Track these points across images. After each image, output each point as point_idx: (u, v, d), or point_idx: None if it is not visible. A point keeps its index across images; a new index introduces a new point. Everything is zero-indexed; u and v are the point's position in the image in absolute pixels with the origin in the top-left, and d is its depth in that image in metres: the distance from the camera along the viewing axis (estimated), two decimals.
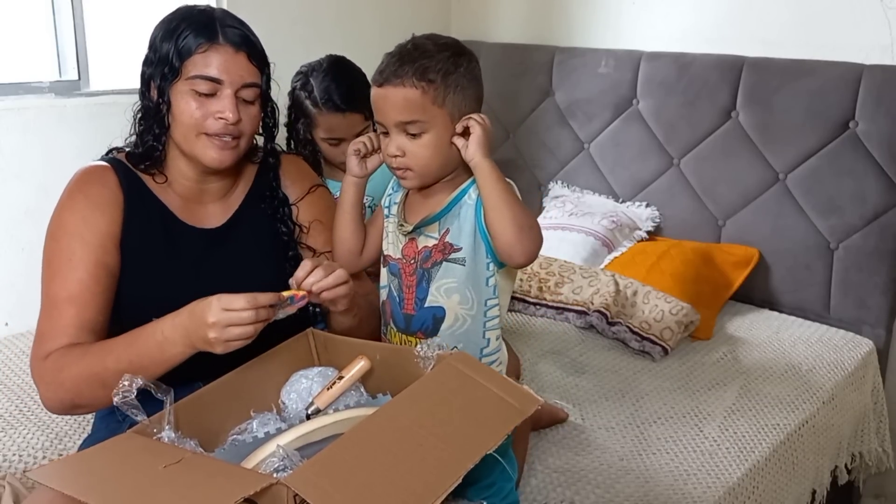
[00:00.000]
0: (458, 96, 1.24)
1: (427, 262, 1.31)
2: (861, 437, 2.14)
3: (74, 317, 1.27)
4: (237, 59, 1.29)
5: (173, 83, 1.29)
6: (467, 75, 1.26)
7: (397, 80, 1.23)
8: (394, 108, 1.24)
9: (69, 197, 1.34)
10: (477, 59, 1.30)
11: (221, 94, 1.28)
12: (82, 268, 1.29)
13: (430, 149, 1.25)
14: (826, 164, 2.26)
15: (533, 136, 2.84)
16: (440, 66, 1.23)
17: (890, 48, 2.19)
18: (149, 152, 1.35)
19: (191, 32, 1.28)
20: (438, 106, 1.23)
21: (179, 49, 1.27)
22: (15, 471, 1.54)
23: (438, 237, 1.30)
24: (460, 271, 1.29)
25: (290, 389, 1.22)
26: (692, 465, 1.62)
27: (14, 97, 2.11)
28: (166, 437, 1.06)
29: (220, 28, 1.29)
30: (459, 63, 1.25)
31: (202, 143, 1.30)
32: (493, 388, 1.06)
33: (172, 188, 1.38)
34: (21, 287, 2.14)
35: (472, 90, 1.27)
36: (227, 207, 1.43)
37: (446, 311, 1.31)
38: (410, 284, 1.33)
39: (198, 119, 1.28)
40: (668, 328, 2.08)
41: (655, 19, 2.61)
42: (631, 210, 2.61)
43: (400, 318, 1.35)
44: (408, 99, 1.23)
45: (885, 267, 2.21)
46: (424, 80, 1.22)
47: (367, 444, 0.94)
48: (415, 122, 1.24)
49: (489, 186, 1.23)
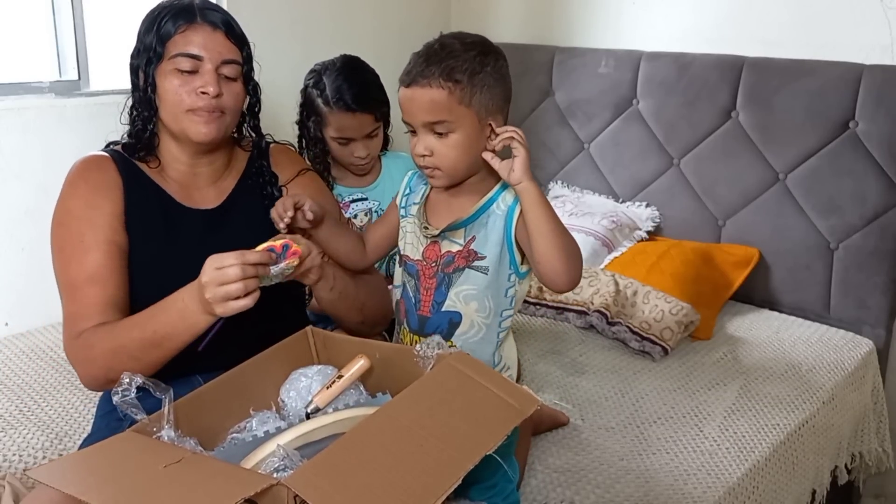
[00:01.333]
0: (485, 95, 1.24)
1: (449, 267, 1.31)
2: (861, 437, 2.14)
3: (98, 295, 1.31)
4: (215, 37, 1.34)
5: (158, 66, 1.34)
6: (494, 74, 1.26)
7: (424, 80, 1.23)
8: (420, 109, 1.24)
9: (71, 185, 1.39)
10: (504, 56, 1.29)
11: (203, 70, 1.33)
12: (95, 248, 1.33)
13: (457, 148, 1.25)
14: (826, 164, 2.25)
15: (533, 136, 2.84)
16: (466, 65, 1.23)
17: (890, 48, 2.19)
18: (140, 136, 1.39)
19: (170, 17, 1.34)
20: (465, 106, 1.23)
21: (161, 34, 1.33)
22: (15, 471, 1.54)
23: (464, 244, 1.30)
24: (482, 279, 1.29)
25: (290, 388, 1.22)
26: (692, 465, 1.62)
27: (14, 97, 2.11)
28: (166, 435, 1.06)
29: (199, 10, 1.35)
30: (486, 62, 1.25)
31: (188, 120, 1.35)
32: (493, 389, 1.06)
33: (167, 173, 1.43)
34: (21, 287, 2.14)
35: (500, 89, 1.27)
36: (220, 191, 1.47)
37: (463, 317, 1.31)
38: (429, 287, 1.33)
39: (182, 96, 1.33)
40: (668, 328, 2.08)
41: (655, 19, 2.61)
42: (631, 210, 2.61)
43: (414, 320, 1.35)
44: (434, 100, 1.23)
45: (885, 267, 2.21)
46: (451, 81, 1.22)
47: (367, 445, 0.94)
48: (442, 122, 1.24)
49: (536, 213, 1.21)
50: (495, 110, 1.26)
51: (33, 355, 2.01)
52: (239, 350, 1.23)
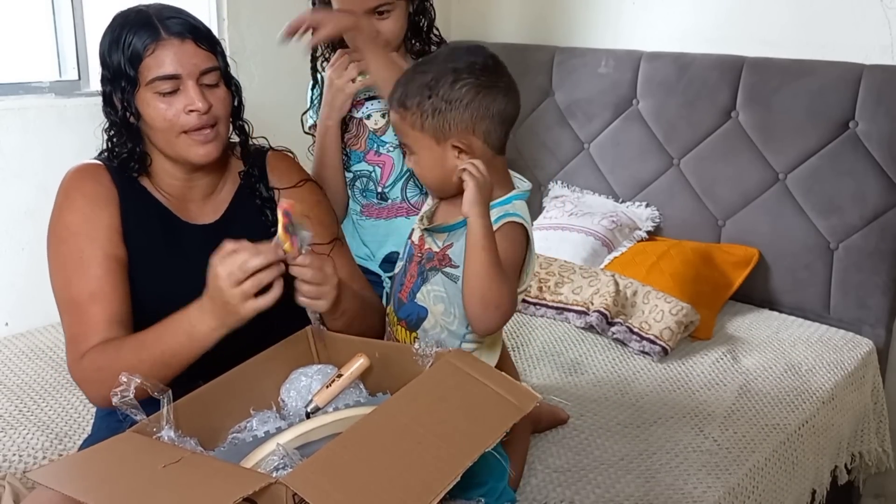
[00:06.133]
0: (437, 120, 1.24)
1: (428, 263, 1.32)
2: (861, 437, 2.14)
3: (101, 312, 1.27)
4: (186, 48, 1.27)
5: (135, 93, 1.27)
6: (459, 97, 1.23)
7: (392, 102, 1.29)
8: (394, 127, 1.34)
9: (66, 197, 1.34)
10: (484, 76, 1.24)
11: (184, 87, 1.27)
12: (96, 264, 1.29)
13: (420, 167, 1.30)
14: (826, 164, 2.26)
15: (533, 136, 2.84)
16: (423, 90, 1.24)
17: (890, 48, 2.19)
18: (129, 159, 1.34)
19: (133, 37, 1.26)
20: (418, 130, 1.26)
21: (129, 58, 1.26)
22: (15, 471, 1.54)
23: (441, 247, 1.31)
24: (451, 286, 1.30)
25: (290, 387, 1.22)
26: (692, 465, 1.62)
27: (14, 97, 2.12)
28: (166, 436, 1.06)
29: (160, 23, 1.27)
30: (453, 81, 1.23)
31: (184, 143, 1.30)
32: (492, 386, 1.06)
33: (161, 186, 1.38)
34: (21, 287, 2.14)
35: (460, 112, 1.23)
36: (217, 204, 1.43)
37: (429, 314, 1.33)
38: (413, 274, 1.35)
39: (171, 119, 1.27)
40: (668, 328, 2.08)
41: (655, 19, 2.61)
42: (631, 210, 2.61)
43: (396, 300, 1.39)
44: (394, 122, 1.31)
45: (885, 267, 2.21)
46: (402, 107, 1.27)
47: (365, 443, 0.94)
48: (405, 143, 1.30)
49: (470, 250, 1.19)
50: (460, 132, 1.24)
51: (33, 355, 2.01)
52: (239, 352, 1.22)
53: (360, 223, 1.75)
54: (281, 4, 2.52)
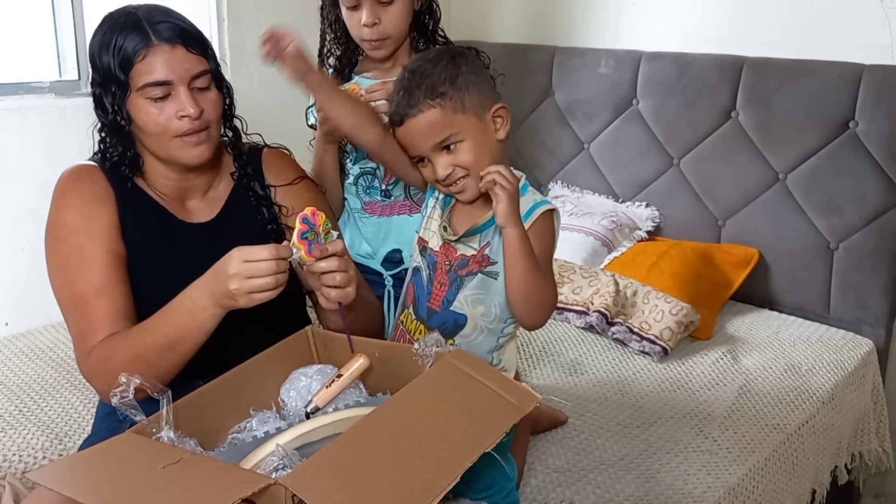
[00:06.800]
0: (473, 94, 1.27)
1: (462, 270, 1.33)
2: (861, 437, 2.14)
3: (107, 307, 1.28)
4: (176, 54, 1.26)
5: (126, 98, 1.27)
6: (473, 71, 1.29)
7: (413, 110, 1.27)
8: (423, 136, 1.28)
9: (62, 197, 1.34)
10: (473, 51, 1.34)
11: (175, 92, 1.27)
12: (98, 260, 1.29)
13: (473, 152, 1.28)
14: (826, 164, 2.25)
15: (533, 136, 2.84)
16: (443, 75, 1.26)
17: (890, 48, 2.19)
18: (122, 162, 1.34)
19: (124, 41, 1.25)
20: (461, 113, 1.26)
21: (120, 62, 1.25)
22: (15, 471, 1.54)
23: (478, 248, 1.32)
24: (492, 284, 1.31)
25: (290, 387, 1.22)
26: (692, 465, 1.62)
27: (14, 97, 2.12)
28: (165, 436, 1.06)
29: (150, 28, 1.26)
30: (458, 64, 1.28)
31: (177, 146, 1.30)
32: (492, 386, 1.06)
33: (156, 186, 1.39)
34: (21, 287, 2.14)
35: (483, 82, 1.30)
36: (213, 202, 1.43)
37: (468, 319, 1.33)
38: (443, 283, 1.34)
39: (163, 124, 1.27)
40: (668, 328, 2.08)
41: (655, 19, 2.61)
42: (631, 210, 2.61)
43: (423, 309, 1.37)
44: (430, 122, 1.26)
45: (885, 267, 2.21)
46: (437, 97, 1.25)
47: (365, 443, 0.94)
48: (447, 137, 1.27)
49: (510, 260, 1.24)
50: (490, 103, 1.29)
51: (33, 355, 2.01)
52: (238, 352, 1.22)
53: (361, 220, 1.74)
54: (281, 4, 2.53)
